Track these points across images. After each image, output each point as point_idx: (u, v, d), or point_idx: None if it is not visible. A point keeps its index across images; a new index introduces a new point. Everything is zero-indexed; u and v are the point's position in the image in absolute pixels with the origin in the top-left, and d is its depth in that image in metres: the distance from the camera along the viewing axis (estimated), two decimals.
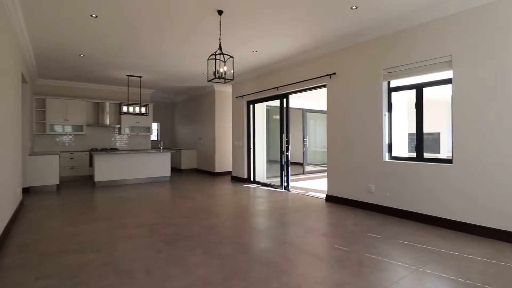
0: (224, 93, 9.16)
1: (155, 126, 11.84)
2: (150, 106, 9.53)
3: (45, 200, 5.46)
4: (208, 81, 3.98)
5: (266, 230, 3.68)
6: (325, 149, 5.51)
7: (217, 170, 8.98)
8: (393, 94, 4.41)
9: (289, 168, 6.43)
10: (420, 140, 4.05)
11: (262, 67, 6.71)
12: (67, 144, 8.44)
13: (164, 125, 12.06)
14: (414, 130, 4.13)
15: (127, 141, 9.44)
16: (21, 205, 4.85)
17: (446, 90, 3.83)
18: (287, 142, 6.42)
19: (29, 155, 6.26)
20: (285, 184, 6.47)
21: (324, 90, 5.56)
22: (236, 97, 7.87)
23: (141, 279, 2.38)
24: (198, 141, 10.00)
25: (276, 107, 7.39)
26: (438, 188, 3.73)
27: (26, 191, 6.18)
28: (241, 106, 7.74)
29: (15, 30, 4.23)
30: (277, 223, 4.00)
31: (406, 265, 2.62)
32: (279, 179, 6.87)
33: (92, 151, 8.27)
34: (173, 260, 2.75)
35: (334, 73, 5.09)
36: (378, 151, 4.44)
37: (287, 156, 6.40)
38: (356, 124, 4.77)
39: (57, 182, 6.58)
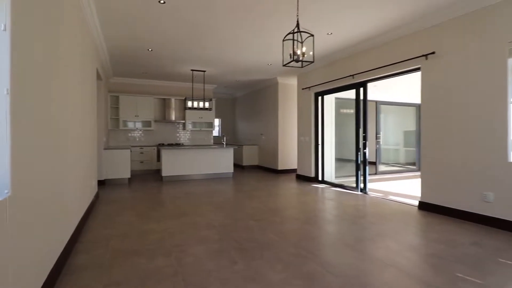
0: (288, 86, 8.61)
1: (216, 122, 11.87)
2: (213, 102, 9.46)
3: (118, 193, 5.60)
4: (284, 65, 3.45)
5: (353, 243, 3.04)
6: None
7: (280, 167, 8.49)
8: None
9: (367, 168, 5.60)
10: None
11: (335, 52, 5.97)
12: (137, 139, 8.81)
13: (225, 121, 12.03)
14: None
15: (190, 137, 9.53)
16: (96, 197, 4.99)
17: None
18: (364, 138, 5.61)
19: (104, 149, 6.55)
20: (362, 185, 5.67)
21: (409, 76, 4.63)
22: (303, 88, 7.25)
23: None
24: (260, 137, 9.64)
25: (345, 99, 6.60)
26: None
27: (101, 183, 6.49)
28: (308, 98, 7.10)
29: (91, 30, 4.27)
30: (364, 233, 3.32)
31: None
32: (348, 179, 6.11)
33: (160, 146, 8.48)
34: (251, 275, 2.31)
35: (433, 53, 4.14)
36: (500, 149, 3.43)
37: (364, 153, 5.59)
38: (464, 114, 3.79)
39: (129, 176, 6.79)
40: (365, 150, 5.59)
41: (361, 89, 5.69)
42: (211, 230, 3.40)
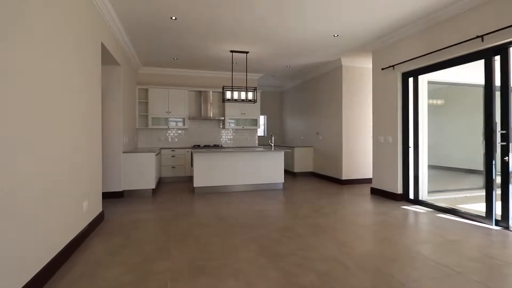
0: (356, 69, 6.55)
1: (261, 119, 10.17)
2: (258, 93, 7.78)
3: (131, 214, 4.15)
4: None
5: None
6: None
7: (345, 176, 6.47)
8: None
9: (511, 187, 3.39)
10: None
11: (438, 9, 3.86)
12: (170, 139, 7.49)
13: (271, 118, 10.28)
14: None
15: (231, 137, 7.96)
16: (96, 222, 3.56)
17: None
18: (508, 138, 3.40)
19: (124, 152, 5.22)
20: (497, 213, 3.47)
21: None
22: (383, 68, 5.16)
23: None
24: (315, 137, 7.70)
25: (442, 84, 4.40)
26: None
27: (119, 195, 5.16)
28: (391, 82, 5.01)
29: None
30: None
31: None
32: (446, 195, 4.00)
33: (194, 149, 7.03)
34: None
35: None
36: None
37: (506, 163, 3.39)
38: None
39: (153, 186, 5.39)
40: (507, 158, 3.38)
41: (496, 58, 3.50)
42: None
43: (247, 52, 5.85)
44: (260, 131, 10.15)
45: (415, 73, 4.66)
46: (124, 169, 5.23)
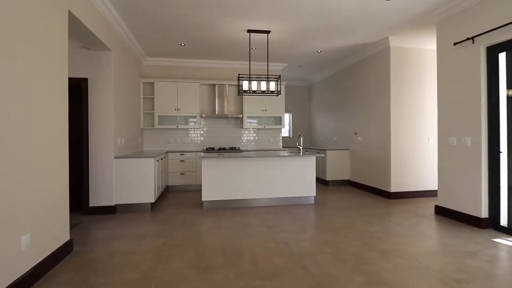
0: (409, 51, 5.13)
1: (286, 118, 8.92)
2: (282, 87, 6.55)
3: (112, 241, 3.08)
4: None
5: None
6: None
7: (395, 188, 5.06)
8: None
9: None
10: None
11: None
12: (179, 141, 6.45)
13: (297, 117, 8.99)
14: None
15: (251, 138, 6.79)
16: (58, 256, 2.52)
17: None
18: None
19: (116, 157, 4.20)
20: None
21: None
22: (455, 43, 3.74)
23: None
24: (353, 138, 6.33)
25: None
26: None
27: (111, 211, 4.16)
28: (469, 60, 3.58)
29: None
30: None
31: None
32: None
33: (207, 151, 5.94)
34: None
35: None
36: None
37: None
38: None
39: (151, 200, 4.33)
40: None
41: None
42: None
43: (268, 32, 4.65)
44: (285, 131, 8.90)
45: (510, 46, 3.22)
46: (117, 179, 4.22)
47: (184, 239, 3.11)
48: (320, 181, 6.71)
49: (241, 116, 6.45)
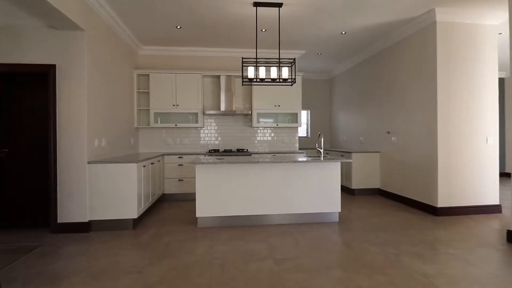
0: (460, 27, 4.01)
1: (304, 115, 7.90)
2: (299, 78, 5.57)
3: (60, 280, 2.23)
4: None
5: None
6: None
7: (443, 202, 3.96)
8: None
9: None
10: None
11: None
12: (178, 142, 5.61)
13: (316, 114, 7.95)
14: None
15: (262, 138, 5.85)
16: None
17: None
18: None
19: (90, 162, 3.39)
20: None
21: None
22: None
23: None
24: (385, 138, 5.25)
25: None
26: None
27: (84, 228, 3.36)
28: None
29: None
30: None
31: None
32: None
33: (211, 154, 5.08)
34: None
35: None
36: None
37: None
38: None
39: (134, 215, 3.49)
40: None
41: None
42: None
43: (279, 5, 3.69)
44: (302, 131, 7.89)
45: None
46: (92, 189, 3.41)
47: (158, 280, 2.22)
48: (344, 190, 5.66)
49: (250, 112, 5.52)
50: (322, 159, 3.71)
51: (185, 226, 3.60)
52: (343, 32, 4.76)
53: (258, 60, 3.65)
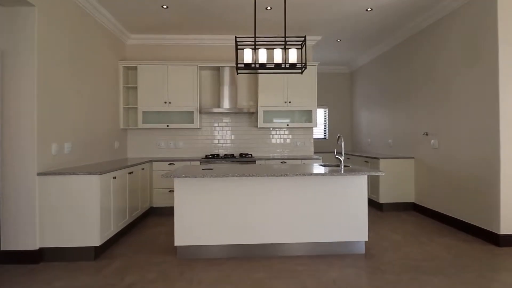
0: None
1: (320, 114, 6.93)
2: (313, 68, 4.65)
3: None
4: None
5: None
6: None
7: (508, 229, 2.92)
8: None
9: None
10: None
11: None
12: (172, 145, 4.84)
13: (334, 113, 6.96)
14: None
15: (270, 141, 4.97)
16: None
17: None
18: None
19: (40, 174, 2.65)
20: None
21: None
22: None
23: None
24: (422, 141, 4.22)
25: None
26: None
27: (33, 259, 2.62)
28: None
29: None
30: None
31: None
32: None
33: (208, 159, 4.28)
34: None
35: None
36: None
37: None
38: None
39: (96, 242, 2.71)
40: None
41: None
42: None
43: None
44: (318, 132, 6.93)
45: None
46: (43, 208, 2.67)
47: None
48: (370, 203, 4.68)
49: (256, 110, 4.66)
50: (342, 170, 2.78)
51: (162, 256, 2.78)
52: (369, 9, 3.80)
53: (257, 39, 2.78)
